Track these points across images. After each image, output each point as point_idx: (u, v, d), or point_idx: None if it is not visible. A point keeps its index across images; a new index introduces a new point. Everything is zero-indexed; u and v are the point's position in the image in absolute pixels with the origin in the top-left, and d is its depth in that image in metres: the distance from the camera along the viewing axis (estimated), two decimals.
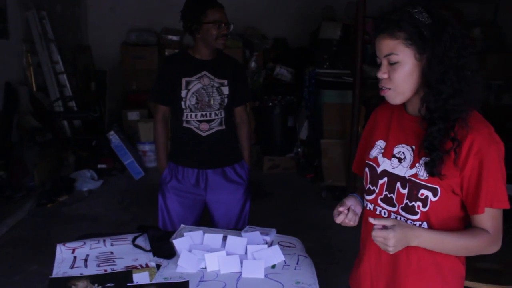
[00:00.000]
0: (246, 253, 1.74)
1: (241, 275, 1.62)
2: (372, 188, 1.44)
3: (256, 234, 1.88)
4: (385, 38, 1.30)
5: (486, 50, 5.97)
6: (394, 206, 1.38)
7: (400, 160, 1.36)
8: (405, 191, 1.35)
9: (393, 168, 1.38)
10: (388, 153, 1.41)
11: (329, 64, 5.45)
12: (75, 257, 1.75)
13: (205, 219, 2.62)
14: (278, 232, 1.98)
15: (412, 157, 1.35)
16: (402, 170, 1.36)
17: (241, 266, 1.65)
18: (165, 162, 2.59)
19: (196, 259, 1.67)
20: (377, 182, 1.42)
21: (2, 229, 3.85)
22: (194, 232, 1.88)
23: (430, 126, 1.30)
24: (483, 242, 1.30)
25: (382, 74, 1.33)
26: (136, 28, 6.48)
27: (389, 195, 1.39)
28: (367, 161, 1.48)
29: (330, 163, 4.90)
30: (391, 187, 1.38)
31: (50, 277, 1.61)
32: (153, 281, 1.58)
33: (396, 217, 1.38)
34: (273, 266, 1.68)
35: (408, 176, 1.34)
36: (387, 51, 1.30)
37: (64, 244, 1.83)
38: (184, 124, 2.46)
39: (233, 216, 2.59)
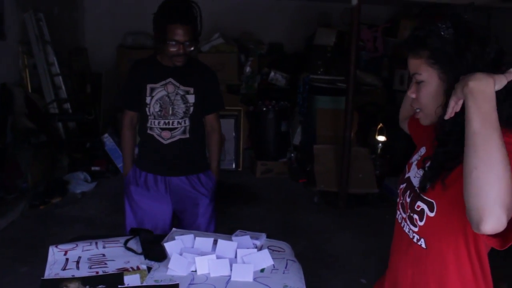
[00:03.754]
0: (236, 257, 1.77)
1: (230, 278, 1.65)
2: (397, 191, 1.41)
3: (246, 239, 1.90)
4: (411, 57, 1.24)
5: None
6: (405, 213, 1.34)
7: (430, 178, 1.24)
8: (408, 200, 1.31)
9: (414, 177, 1.33)
10: (420, 162, 1.33)
11: (323, 70, 5.50)
12: (67, 259, 1.77)
13: None
14: (268, 237, 2.01)
15: None
16: (418, 180, 1.30)
17: (231, 270, 1.68)
18: (129, 168, 2.55)
19: (186, 262, 1.69)
20: (400, 186, 1.40)
21: None
22: (185, 235, 1.91)
23: (439, 146, 1.22)
24: None
25: (410, 93, 1.27)
26: (132, 31, 6.51)
27: (403, 202, 1.36)
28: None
29: (323, 168, 4.94)
30: (404, 194, 1.35)
31: (42, 278, 1.63)
32: (144, 283, 1.61)
33: (404, 225, 1.35)
34: (262, 270, 1.71)
35: (416, 186, 1.29)
36: (412, 70, 1.24)
37: (56, 246, 1.85)
38: (148, 131, 2.43)
39: (199, 228, 2.47)
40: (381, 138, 5.07)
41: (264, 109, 5.56)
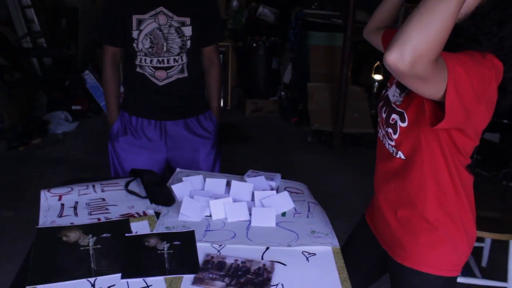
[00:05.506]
0: (253, 199, 1.59)
1: (250, 224, 1.48)
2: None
3: (261, 179, 1.72)
4: None
5: None
6: (383, 129, 1.40)
7: (402, 90, 1.31)
8: (384, 116, 1.37)
9: (393, 96, 1.36)
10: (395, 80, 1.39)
11: (318, 4, 5.19)
12: (62, 205, 1.57)
13: None
14: (283, 177, 1.83)
15: None
16: (394, 97, 1.34)
17: (249, 214, 1.51)
18: (115, 115, 2.19)
19: (199, 206, 1.51)
20: (379, 104, 1.44)
21: None
22: (193, 176, 1.72)
23: None
24: None
25: None
26: None
27: (380, 118, 1.42)
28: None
29: (317, 107, 4.76)
30: (381, 111, 1.41)
31: (37, 227, 1.43)
32: (154, 231, 1.43)
33: (385, 142, 1.39)
34: (284, 214, 1.55)
35: (392, 102, 1.34)
36: None
37: (48, 190, 1.64)
38: (138, 69, 2.06)
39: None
40: (378, 77, 4.88)
41: (254, 45, 5.26)
